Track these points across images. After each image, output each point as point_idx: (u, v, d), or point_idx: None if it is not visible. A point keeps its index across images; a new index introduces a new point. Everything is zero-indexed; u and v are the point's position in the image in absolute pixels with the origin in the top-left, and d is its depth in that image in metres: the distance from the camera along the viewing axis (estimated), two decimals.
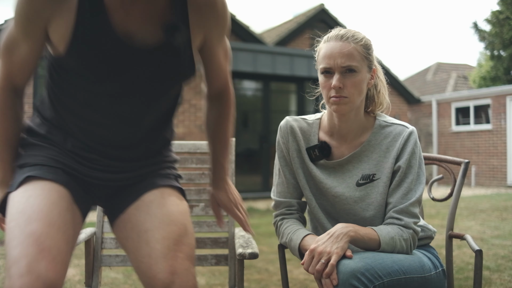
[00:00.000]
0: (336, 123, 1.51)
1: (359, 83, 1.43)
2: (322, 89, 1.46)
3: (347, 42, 1.43)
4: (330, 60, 1.42)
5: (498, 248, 4.34)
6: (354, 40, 1.43)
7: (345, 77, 1.41)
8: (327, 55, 1.43)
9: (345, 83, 1.41)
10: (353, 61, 1.41)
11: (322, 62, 1.44)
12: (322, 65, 1.44)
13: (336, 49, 1.42)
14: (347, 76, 1.41)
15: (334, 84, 1.40)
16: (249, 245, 1.64)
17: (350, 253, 1.29)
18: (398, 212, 1.42)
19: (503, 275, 3.39)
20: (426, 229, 1.57)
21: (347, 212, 1.50)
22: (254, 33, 9.70)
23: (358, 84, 1.43)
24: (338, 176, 1.51)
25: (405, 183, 1.44)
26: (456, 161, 1.77)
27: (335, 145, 1.53)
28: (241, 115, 10.16)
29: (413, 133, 1.47)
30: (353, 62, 1.41)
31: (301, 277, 3.39)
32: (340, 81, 1.40)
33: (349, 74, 1.42)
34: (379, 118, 1.54)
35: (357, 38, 1.44)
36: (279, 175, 1.59)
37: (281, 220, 1.57)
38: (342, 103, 1.42)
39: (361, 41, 1.44)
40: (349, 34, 1.44)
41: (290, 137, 1.56)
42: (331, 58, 1.42)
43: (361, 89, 1.45)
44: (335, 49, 1.42)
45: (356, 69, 1.42)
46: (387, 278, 1.25)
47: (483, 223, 5.83)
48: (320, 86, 1.48)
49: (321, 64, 1.44)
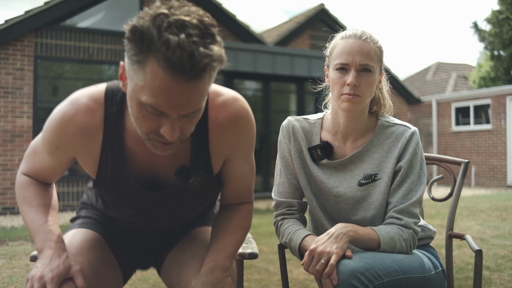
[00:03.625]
0: (341, 122, 1.51)
1: (372, 84, 1.44)
2: (335, 85, 1.45)
3: (366, 42, 1.43)
4: (349, 57, 1.41)
5: (498, 248, 4.34)
6: (372, 41, 1.44)
7: (360, 75, 1.41)
8: (346, 51, 1.42)
9: (360, 81, 1.41)
10: (371, 60, 1.42)
11: (339, 57, 1.43)
12: (339, 61, 1.43)
13: (355, 47, 1.42)
14: (362, 75, 1.42)
15: (351, 81, 1.40)
16: (249, 245, 1.63)
17: (350, 253, 1.29)
18: (398, 212, 1.42)
19: (503, 275, 3.39)
20: (426, 229, 1.57)
21: (348, 212, 1.50)
22: (254, 33, 9.69)
23: (372, 84, 1.44)
24: (340, 176, 1.51)
25: (406, 183, 1.44)
26: (456, 161, 1.77)
27: (337, 145, 1.53)
28: None
29: (415, 134, 1.47)
30: (370, 62, 1.42)
31: (301, 277, 3.39)
32: (356, 79, 1.41)
33: (364, 74, 1.42)
34: (381, 118, 1.54)
35: (374, 40, 1.45)
36: (280, 175, 1.59)
37: (281, 220, 1.57)
38: (354, 102, 1.42)
39: (377, 43, 1.46)
40: (367, 35, 1.45)
41: (292, 137, 1.56)
42: (350, 55, 1.41)
43: (373, 89, 1.46)
44: (355, 46, 1.42)
45: (371, 69, 1.42)
46: (387, 278, 1.25)
47: (483, 223, 5.83)
48: (331, 82, 1.47)
49: (338, 59, 1.44)
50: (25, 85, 7.62)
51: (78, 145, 1.19)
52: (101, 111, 1.17)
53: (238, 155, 1.27)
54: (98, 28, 8.34)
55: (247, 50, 9.23)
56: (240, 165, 1.29)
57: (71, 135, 1.17)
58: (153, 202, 1.28)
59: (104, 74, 8.74)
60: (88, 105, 1.16)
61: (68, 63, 8.23)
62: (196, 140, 1.21)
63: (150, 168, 1.23)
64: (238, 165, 1.29)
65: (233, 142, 1.24)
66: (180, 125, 1.02)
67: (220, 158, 1.25)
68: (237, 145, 1.25)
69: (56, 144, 1.20)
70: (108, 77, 8.76)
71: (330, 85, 1.49)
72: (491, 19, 15.90)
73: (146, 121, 1.01)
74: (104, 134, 1.18)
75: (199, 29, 0.93)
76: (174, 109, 0.97)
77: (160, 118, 1.00)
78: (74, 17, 8.27)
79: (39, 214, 1.22)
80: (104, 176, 1.22)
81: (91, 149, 1.19)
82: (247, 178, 1.33)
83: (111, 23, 8.52)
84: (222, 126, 1.20)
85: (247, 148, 1.28)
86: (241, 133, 1.24)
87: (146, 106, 0.98)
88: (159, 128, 1.01)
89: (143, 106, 0.99)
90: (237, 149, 1.26)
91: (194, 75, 0.93)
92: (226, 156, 1.26)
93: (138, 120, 1.03)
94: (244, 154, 1.28)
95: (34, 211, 1.23)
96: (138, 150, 1.19)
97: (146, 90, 0.96)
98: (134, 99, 1.00)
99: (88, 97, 1.18)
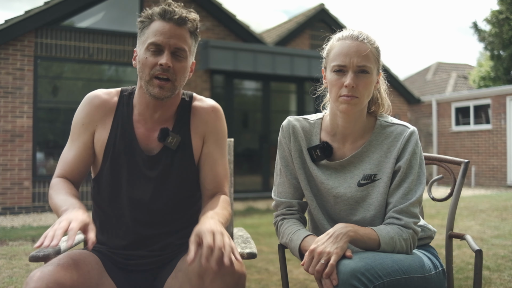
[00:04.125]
0: (340, 123, 1.51)
1: (370, 85, 1.44)
2: (332, 87, 1.45)
3: (363, 43, 1.43)
4: (346, 58, 1.41)
5: (498, 248, 4.34)
6: (369, 42, 1.44)
7: (358, 77, 1.41)
8: (343, 53, 1.42)
9: (358, 83, 1.41)
10: (368, 62, 1.42)
11: (336, 59, 1.43)
12: (336, 63, 1.43)
13: (353, 48, 1.42)
14: (360, 77, 1.42)
15: (348, 83, 1.40)
16: (248, 245, 1.64)
17: (350, 253, 1.29)
18: (398, 212, 1.42)
19: (503, 275, 3.39)
20: (426, 229, 1.57)
21: (347, 212, 1.50)
22: (254, 33, 9.69)
23: (369, 85, 1.44)
24: (340, 176, 1.51)
25: (405, 183, 1.44)
26: (456, 161, 1.77)
27: (336, 145, 1.53)
28: (241, 115, 10.16)
29: (414, 133, 1.47)
30: (368, 63, 1.42)
31: (301, 277, 3.39)
32: (354, 80, 1.40)
33: (362, 75, 1.42)
34: (380, 118, 1.54)
35: (372, 41, 1.45)
36: (280, 175, 1.59)
37: (281, 220, 1.57)
38: (352, 103, 1.42)
39: (374, 44, 1.46)
40: (364, 36, 1.45)
41: (292, 137, 1.56)
42: (347, 56, 1.41)
43: (371, 90, 1.46)
44: (352, 48, 1.42)
45: (369, 71, 1.42)
46: (387, 278, 1.25)
47: (483, 223, 5.83)
48: (329, 84, 1.47)
49: (335, 61, 1.44)
50: (25, 85, 7.62)
51: (98, 119, 1.52)
52: (116, 97, 1.56)
53: (212, 138, 1.57)
54: (98, 28, 8.34)
55: (247, 50, 9.24)
56: (213, 149, 1.57)
57: (95, 108, 1.52)
58: (147, 163, 1.50)
59: (104, 74, 8.74)
60: (106, 90, 1.58)
61: (68, 63, 8.23)
62: (180, 117, 1.56)
63: (147, 136, 1.52)
64: (212, 148, 1.57)
65: (210, 124, 1.57)
66: (172, 62, 1.42)
67: (197, 135, 1.56)
68: (212, 128, 1.57)
69: (83, 120, 1.52)
70: (108, 77, 8.77)
71: (328, 87, 1.48)
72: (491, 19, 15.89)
73: (148, 60, 1.43)
74: (118, 107, 1.54)
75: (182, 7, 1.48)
76: (167, 41, 1.42)
77: (158, 57, 1.42)
78: (74, 17, 8.27)
79: (67, 196, 1.42)
80: (114, 136, 1.50)
81: (106, 122, 1.52)
82: (220, 164, 1.57)
83: (111, 23, 8.52)
84: (203, 110, 1.58)
85: (220, 135, 1.59)
86: (216, 118, 1.59)
87: (149, 47, 1.43)
88: (158, 63, 1.41)
89: (147, 50, 1.43)
90: (212, 133, 1.57)
91: (179, 22, 1.44)
92: (202, 135, 1.56)
93: (143, 64, 1.44)
94: (217, 140, 1.58)
95: (62, 194, 1.43)
96: (140, 120, 1.53)
97: (149, 37, 1.43)
98: (141, 53, 1.45)
99: (104, 90, 1.58)
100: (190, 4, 9.03)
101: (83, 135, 1.52)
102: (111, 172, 1.50)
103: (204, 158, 1.56)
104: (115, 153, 1.50)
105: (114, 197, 1.51)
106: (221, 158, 1.58)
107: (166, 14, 1.43)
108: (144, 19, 1.47)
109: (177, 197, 1.53)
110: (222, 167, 1.58)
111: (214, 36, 9.32)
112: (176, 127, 1.54)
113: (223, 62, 8.98)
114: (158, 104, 1.50)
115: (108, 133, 1.51)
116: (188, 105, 1.57)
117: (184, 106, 1.56)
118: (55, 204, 1.40)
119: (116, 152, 1.50)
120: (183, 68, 1.47)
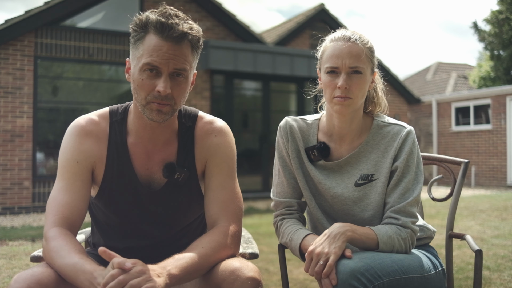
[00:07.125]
0: (336, 124, 1.51)
1: (364, 85, 1.44)
2: (326, 88, 1.46)
3: (355, 44, 1.43)
4: (338, 60, 1.42)
5: (498, 248, 4.34)
6: (362, 42, 1.44)
7: (350, 78, 1.41)
8: (335, 54, 1.43)
9: (351, 84, 1.41)
10: (360, 62, 1.42)
11: (329, 61, 1.44)
12: (329, 64, 1.43)
13: (344, 50, 1.42)
14: (353, 77, 1.42)
15: (341, 84, 1.40)
16: (249, 245, 1.64)
17: (349, 253, 1.29)
18: (396, 212, 1.42)
19: (503, 275, 3.39)
20: (426, 229, 1.57)
21: (345, 212, 1.50)
22: (254, 33, 9.69)
23: (363, 85, 1.44)
24: (337, 176, 1.51)
25: (402, 183, 1.44)
26: (456, 161, 1.77)
27: (333, 146, 1.54)
28: (241, 115, 10.16)
29: (410, 133, 1.47)
30: (360, 64, 1.42)
31: (301, 277, 3.39)
32: (347, 81, 1.41)
33: (355, 76, 1.42)
34: (377, 118, 1.54)
35: (364, 41, 1.45)
36: (278, 175, 1.59)
37: (281, 220, 1.57)
38: (346, 104, 1.42)
39: (367, 44, 1.45)
40: (356, 36, 1.45)
41: (289, 137, 1.56)
42: (339, 58, 1.42)
43: (365, 91, 1.46)
44: (344, 49, 1.42)
45: (362, 71, 1.42)
46: (386, 278, 1.25)
47: (483, 223, 5.83)
48: (323, 85, 1.47)
49: (327, 63, 1.44)
50: (25, 85, 7.62)
51: (93, 154, 1.36)
52: (106, 121, 1.40)
53: (217, 162, 1.42)
54: (98, 28, 8.34)
55: (247, 50, 9.24)
56: (218, 174, 1.41)
57: (86, 140, 1.36)
58: (151, 199, 1.40)
59: (104, 74, 8.74)
60: (92, 118, 1.40)
61: (68, 63, 8.22)
62: (183, 144, 1.42)
63: (147, 168, 1.40)
64: (216, 172, 1.41)
65: (212, 148, 1.42)
66: (171, 86, 1.27)
67: (202, 159, 1.43)
68: (216, 151, 1.42)
69: (76, 157, 1.35)
70: (108, 77, 8.77)
71: (323, 88, 1.49)
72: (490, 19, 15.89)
73: (145, 84, 1.27)
74: (110, 137, 1.39)
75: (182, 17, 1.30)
76: (165, 63, 1.25)
77: (155, 80, 1.27)
78: (74, 17, 8.27)
79: (75, 256, 1.18)
80: (111, 174, 1.37)
81: (102, 150, 1.38)
82: (227, 190, 1.39)
83: (111, 23, 8.52)
84: (206, 134, 1.44)
85: (226, 158, 1.42)
86: (220, 142, 1.43)
87: (144, 68, 1.26)
88: (155, 88, 1.26)
89: (142, 71, 1.27)
90: (216, 155, 1.42)
91: (178, 39, 1.25)
92: (206, 158, 1.42)
93: (139, 86, 1.28)
94: (222, 163, 1.42)
95: (68, 255, 1.19)
96: (138, 150, 1.40)
97: (144, 54, 1.26)
98: (136, 71, 1.28)
99: (91, 114, 1.42)
100: (190, 4, 9.04)
101: (80, 174, 1.34)
102: (112, 211, 1.42)
103: (208, 183, 1.42)
104: (113, 194, 1.39)
105: (113, 231, 1.46)
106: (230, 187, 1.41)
107: (164, 30, 1.24)
108: (137, 28, 1.28)
109: (182, 224, 1.50)
110: (231, 195, 1.40)
111: (214, 36, 9.31)
112: (180, 157, 1.41)
113: (223, 62, 8.98)
114: (157, 124, 1.36)
115: (104, 168, 1.37)
116: (191, 130, 1.44)
117: (187, 130, 1.43)
118: (65, 270, 1.17)
119: (115, 190, 1.39)
120: (183, 90, 1.31)
